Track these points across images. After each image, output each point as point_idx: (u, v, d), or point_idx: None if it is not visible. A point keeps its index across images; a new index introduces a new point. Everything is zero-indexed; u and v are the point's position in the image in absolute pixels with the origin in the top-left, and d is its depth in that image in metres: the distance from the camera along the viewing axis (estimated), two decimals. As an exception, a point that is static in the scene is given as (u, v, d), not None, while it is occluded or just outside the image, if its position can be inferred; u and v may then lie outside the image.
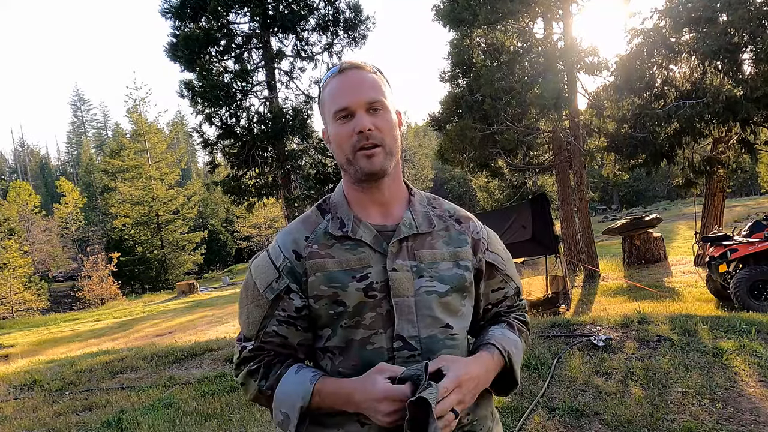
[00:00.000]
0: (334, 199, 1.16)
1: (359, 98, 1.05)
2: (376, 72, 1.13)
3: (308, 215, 1.16)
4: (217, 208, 44.34)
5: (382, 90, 1.10)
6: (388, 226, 1.11)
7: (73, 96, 69.98)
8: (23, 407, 4.96)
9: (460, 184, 46.26)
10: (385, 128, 1.07)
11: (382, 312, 1.06)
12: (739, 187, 40.52)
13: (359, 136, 1.04)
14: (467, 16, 11.45)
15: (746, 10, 8.54)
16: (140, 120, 35.17)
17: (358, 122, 1.04)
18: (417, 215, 1.14)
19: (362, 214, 1.12)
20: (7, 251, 26.87)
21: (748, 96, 8.62)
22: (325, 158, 13.18)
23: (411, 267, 1.08)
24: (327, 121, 1.12)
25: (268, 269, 1.11)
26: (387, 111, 1.09)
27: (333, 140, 1.10)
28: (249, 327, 1.12)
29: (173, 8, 11.96)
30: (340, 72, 1.10)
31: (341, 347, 1.08)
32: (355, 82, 1.07)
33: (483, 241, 1.21)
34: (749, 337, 4.48)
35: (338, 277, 1.06)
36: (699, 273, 10.42)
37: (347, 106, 1.05)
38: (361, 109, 1.05)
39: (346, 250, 1.08)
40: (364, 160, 1.05)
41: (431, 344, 1.07)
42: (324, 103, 1.12)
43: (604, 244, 18.99)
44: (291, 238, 1.12)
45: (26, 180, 52.62)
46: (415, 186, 1.31)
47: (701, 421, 3.26)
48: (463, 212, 1.23)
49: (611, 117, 10.51)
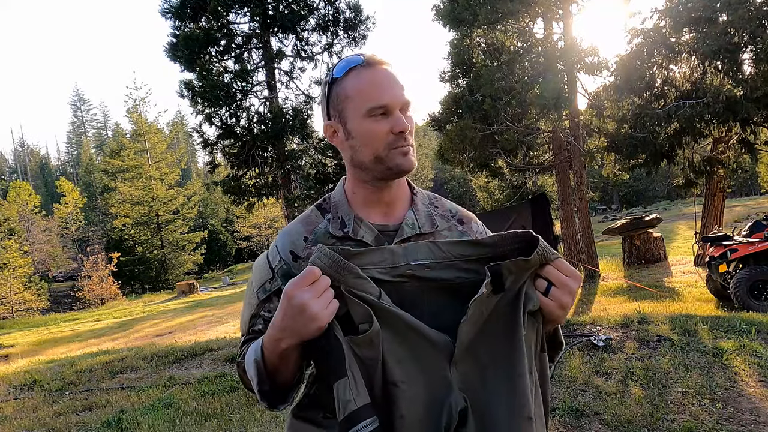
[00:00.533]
0: (335, 198, 1.14)
1: (397, 98, 1.01)
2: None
3: (308, 215, 1.14)
4: (217, 208, 44.33)
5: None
6: (390, 226, 1.10)
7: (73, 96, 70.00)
8: (23, 407, 4.96)
9: (460, 184, 46.25)
10: (413, 129, 1.06)
11: None
12: (739, 187, 40.50)
13: (397, 135, 1.01)
14: (467, 16, 11.45)
15: (746, 10, 8.54)
16: (140, 120, 35.16)
17: (398, 122, 1.00)
18: (420, 215, 1.12)
19: (363, 214, 1.10)
20: (7, 251, 26.86)
21: (748, 96, 8.61)
22: (325, 158, 13.17)
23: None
24: (349, 117, 1.04)
25: (263, 270, 1.10)
26: (411, 116, 1.07)
27: (362, 136, 1.03)
28: (242, 326, 1.13)
29: (173, 8, 11.95)
30: (368, 65, 1.02)
31: None
32: (391, 80, 1.02)
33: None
34: (749, 337, 4.49)
35: None
36: (699, 273, 10.42)
37: (387, 104, 1.00)
38: (398, 108, 1.01)
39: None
40: (400, 157, 1.02)
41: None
42: (346, 96, 1.03)
43: (604, 244, 18.99)
44: (289, 240, 1.10)
45: (26, 180, 52.60)
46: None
47: (701, 421, 3.25)
48: (465, 212, 1.21)
49: (611, 117, 10.51)
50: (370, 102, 1.00)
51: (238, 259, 42.82)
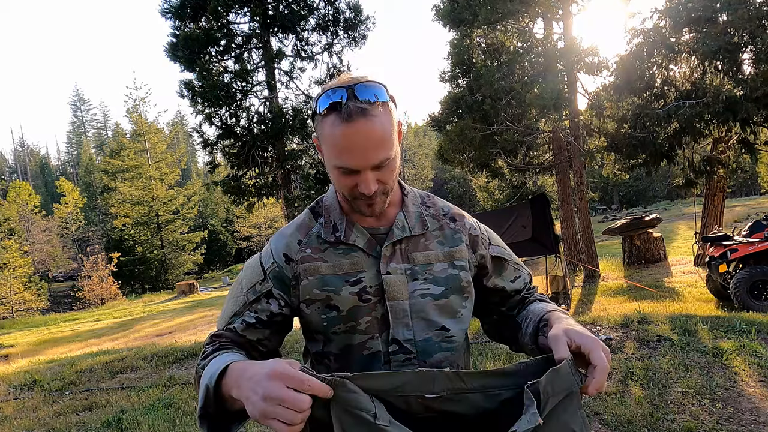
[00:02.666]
0: (327, 201, 1.14)
1: (367, 162, 0.96)
2: (385, 104, 0.97)
3: (302, 218, 1.14)
4: (217, 208, 44.33)
5: (391, 137, 0.98)
6: (381, 228, 1.09)
7: (73, 96, 69.95)
8: (23, 407, 4.96)
9: (460, 184, 46.25)
10: (389, 179, 1.01)
11: (377, 316, 1.05)
12: (739, 187, 40.52)
13: (362, 194, 0.99)
14: (467, 16, 11.45)
15: (746, 10, 8.54)
16: (140, 120, 35.16)
17: (363, 184, 0.98)
18: (410, 217, 1.11)
19: (355, 217, 1.09)
20: (7, 251, 26.86)
21: (748, 96, 8.61)
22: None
23: (405, 270, 1.06)
24: (324, 155, 1.01)
25: (255, 270, 1.10)
26: (393, 161, 1.00)
27: (331, 176, 1.03)
28: (220, 321, 1.10)
29: (173, 8, 11.96)
30: (346, 120, 0.93)
31: (337, 354, 1.07)
32: (364, 140, 0.94)
33: (482, 236, 1.18)
34: (749, 337, 4.49)
35: (331, 280, 1.04)
36: (699, 273, 10.42)
37: (354, 167, 0.96)
38: (367, 170, 0.97)
39: (339, 254, 1.06)
40: (364, 207, 1.03)
41: (427, 347, 1.06)
42: (323, 138, 0.99)
43: (604, 244, 18.99)
44: (284, 241, 1.10)
45: (26, 180, 52.61)
46: (414, 186, 1.27)
47: (701, 421, 3.26)
48: (457, 210, 1.20)
49: (611, 117, 10.51)
50: (338, 161, 0.97)
51: (238, 259, 42.82)
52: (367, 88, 0.95)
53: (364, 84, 0.95)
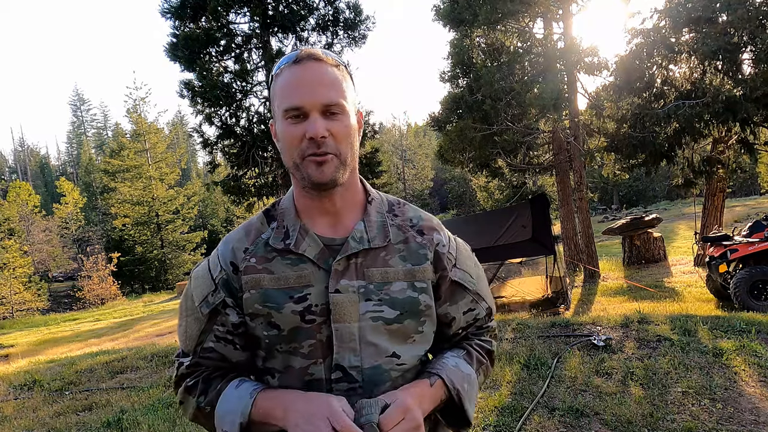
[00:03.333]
0: (283, 204, 1.04)
1: (315, 98, 0.91)
2: (338, 65, 0.97)
3: (253, 222, 1.04)
4: (217, 208, 44.33)
5: (343, 89, 0.95)
6: (336, 239, 0.98)
7: (73, 96, 69.99)
8: (23, 407, 4.96)
9: (460, 184, 46.24)
10: (341, 135, 0.93)
11: (321, 339, 0.95)
12: (739, 187, 40.52)
13: (310, 142, 0.91)
14: (467, 16, 11.45)
15: (746, 10, 8.54)
16: (140, 120, 35.16)
17: (310, 126, 0.90)
18: (371, 226, 1.00)
19: (311, 224, 0.99)
20: (7, 251, 26.87)
21: (747, 96, 8.62)
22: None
23: (358, 288, 0.95)
24: (276, 117, 0.97)
25: (205, 280, 1.01)
26: (345, 115, 0.94)
27: (281, 138, 0.96)
28: (187, 342, 1.02)
29: (173, 8, 11.96)
30: (296, 62, 0.93)
31: (280, 372, 0.98)
32: (313, 78, 0.92)
33: (449, 256, 1.04)
34: (749, 337, 4.49)
35: (273, 296, 0.94)
36: (699, 273, 10.42)
37: (300, 105, 0.91)
38: (315, 110, 0.91)
39: (286, 265, 0.96)
40: (312, 167, 0.92)
41: (375, 376, 0.95)
42: (274, 95, 0.96)
43: (604, 244, 19.00)
44: (230, 248, 1.00)
45: (26, 180, 52.62)
46: (414, 186, 1.17)
47: (701, 421, 3.26)
48: (429, 221, 1.06)
49: (611, 117, 10.51)
50: (285, 102, 0.92)
51: (238, 259, 42.72)
52: (321, 50, 0.96)
53: (319, 48, 0.97)
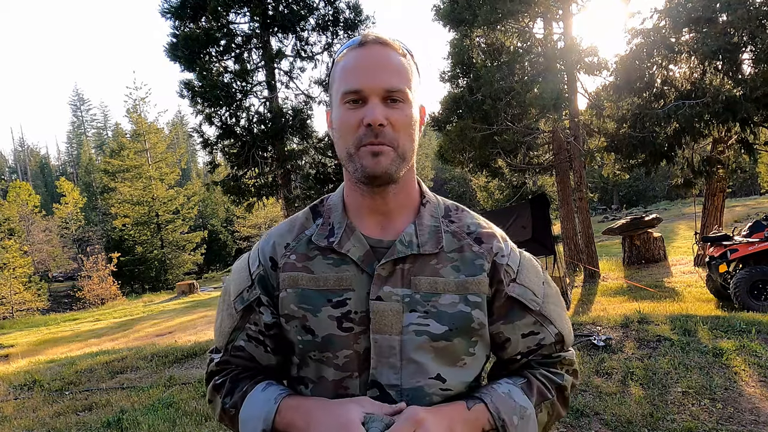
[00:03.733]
0: (332, 200, 0.97)
1: (376, 82, 0.83)
2: (406, 54, 0.90)
3: (298, 217, 0.98)
4: (217, 208, 44.33)
5: (408, 77, 0.88)
6: (384, 241, 0.90)
7: (73, 96, 69.96)
8: (23, 407, 4.96)
9: (460, 184, 46.25)
10: (401, 125, 0.85)
11: (359, 350, 0.87)
12: (739, 187, 40.51)
13: (367, 129, 0.83)
14: (467, 16, 11.45)
15: (746, 10, 8.54)
16: (140, 120, 35.16)
17: (369, 112, 0.83)
18: (423, 231, 0.90)
19: (359, 222, 0.92)
20: (7, 251, 26.86)
21: (747, 96, 8.62)
22: (325, 158, 13.19)
23: (402, 297, 0.86)
24: (333, 102, 0.90)
25: (242, 275, 0.96)
26: (408, 104, 0.87)
27: (336, 126, 0.88)
28: (219, 338, 0.98)
29: (173, 8, 11.96)
30: (361, 45, 0.87)
31: (314, 383, 0.91)
32: (377, 62, 0.85)
33: (507, 268, 0.92)
34: (749, 337, 4.49)
35: (311, 297, 0.87)
36: (699, 273, 10.42)
37: (360, 89, 0.84)
38: (376, 96, 0.83)
39: (327, 265, 0.89)
40: (368, 158, 0.84)
41: (415, 398, 0.85)
42: (333, 80, 0.90)
43: (604, 244, 19.00)
44: (271, 242, 0.95)
45: (26, 180, 52.60)
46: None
47: (701, 421, 3.26)
48: (489, 229, 0.96)
49: (611, 117, 10.52)
50: (345, 85, 0.85)
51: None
52: (388, 36, 0.90)
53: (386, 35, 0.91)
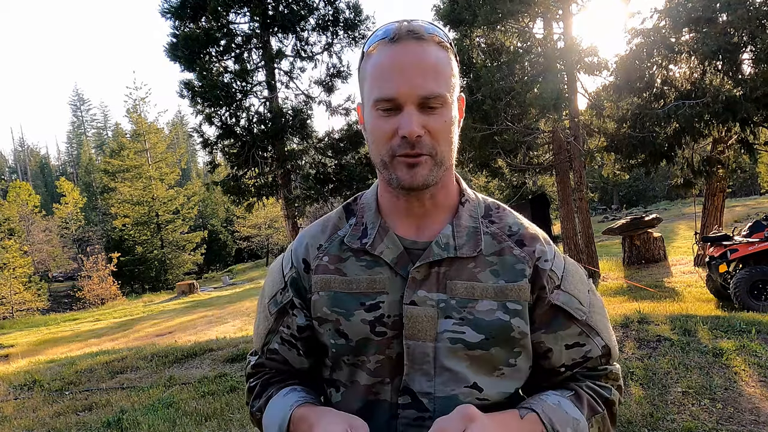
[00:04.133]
0: (365, 199, 0.93)
1: (412, 89, 0.76)
2: (443, 43, 0.82)
3: (331, 216, 0.94)
4: (217, 208, 44.33)
5: (447, 76, 0.80)
6: (419, 242, 0.85)
7: (73, 96, 69.98)
8: (23, 407, 4.96)
9: (460, 184, 46.23)
10: (439, 132, 0.79)
11: (391, 355, 0.83)
12: (739, 187, 40.52)
13: (402, 140, 0.77)
14: (467, 16, 11.45)
15: (746, 10, 8.55)
16: (140, 120, 35.18)
17: (404, 123, 0.77)
18: (460, 232, 0.85)
19: (393, 222, 0.87)
20: (7, 251, 26.86)
21: (747, 96, 8.62)
22: (325, 158, 13.20)
23: (437, 302, 0.82)
24: (365, 103, 0.84)
25: (276, 277, 0.94)
26: (447, 108, 0.80)
27: (369, 131, 0.83)
28: (256, 339, 0.98)
29: (173, 8, 11.96)
30: (394, 40, 0.79)
31: (346, 386, 0.88)
32: (411, 64, 0.77)
33: (553, 273, 0.86)
34: (749, 337, 4.49)
35: (344, 300, 0.84)
36: (699, 273, 10.42)
37: (394, 96, 0.77)
38: (411, 103, 0.77)
39: (360, 267, 0.85)
40: (404, 170, 0.79)
41: (449, 408, 0.77)
42: (364, 78, 0.83)
43: (604, 244, 18.99)
44: (304, 243, 0.92)
45: (26, 180, 52.62)
46: None
47: (701, 421, 3.26)
48: (532, 231, 0.89)
49: (611, 117, 10.52)
50: (377, 91, 0.79)
51: (238, 259, 42.82)
52: (424, 24, 0.82)
53: (421, 22, 0.82)
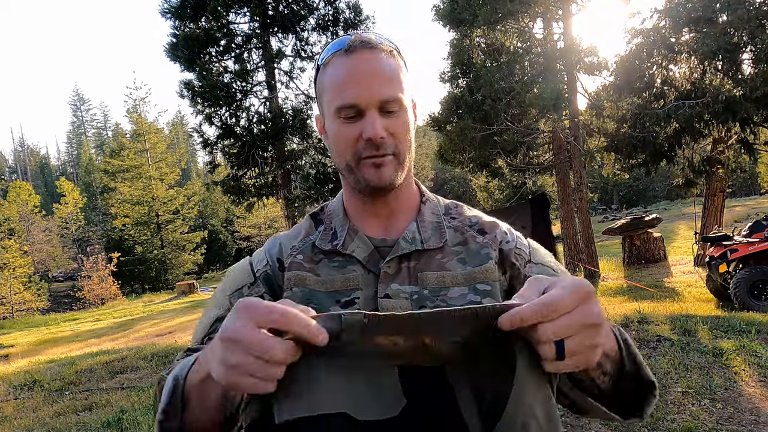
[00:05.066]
0: (331, 207, 0.97)
1: (372, 95, 0.81)
2: (393, 51, 0.86)
3: (301, 225, 0.97)
4: (217, 208, 44.32)
5: (401, 81, 0.84)
6: (388, 240, 0.89)
7: (73, 96, 69.93)
8: (23, 407, 4.96)
9: (460, 184, 46.27)
10: (399, 133, 0.83)
11: None
12: (739, 187, 40.53)
13: (367, 143, 0.81)
14: (467, 17, 11.46)
15: (746, 10, 8.55)
16: (140, 120, 35.17)
17: (368, 126, 0.80)
18: (425, 227, 0.90)
19: (361, 225, 0.91)
20: (7, 251, 26.86)
21: (747, 96, 8.62)
22: (325, 158, 13.20)
23: (410, 294, 0.84)
24: (325, 113, 0.87)
25: (242, 273, 0.92)
26: (404, 110, 0.84)
27: (332, 140, 0.86)
28: (199, 331, 0.90)
29: (173, 8, 11.96)
30: (348, 51, 0.83)
31: None
32: (368, 72, 0.81)
33: (519, 251, 0.90)
34: (749, 337, 4.49)
35: (318, 297, 0.85)
36: (699, 273, 10.42)
37: (355, 103, 0.81)
38: (372, 108, 0.81)
39: (333, 267, 0.87)
40: (371, 170, 0.83)
41: None
42: (323, 89, 0.86)
43: (604, 244, 19.00)
44: (278, 243, 0.93)
45: (26, 180, 52.62)
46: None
47: (701, 421, 3.26)
48: (489, 219, 0.96)
49: (611, 117, 10.52)
50: (339, 100, 0.82)
51: (238, 259, 41.41)
52: (373, 35, 0.86)
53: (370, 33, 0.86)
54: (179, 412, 0.66)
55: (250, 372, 0.55)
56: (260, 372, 0.55)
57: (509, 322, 0.56)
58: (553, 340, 0.56)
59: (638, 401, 0.76)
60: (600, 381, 0.73)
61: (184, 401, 0.67)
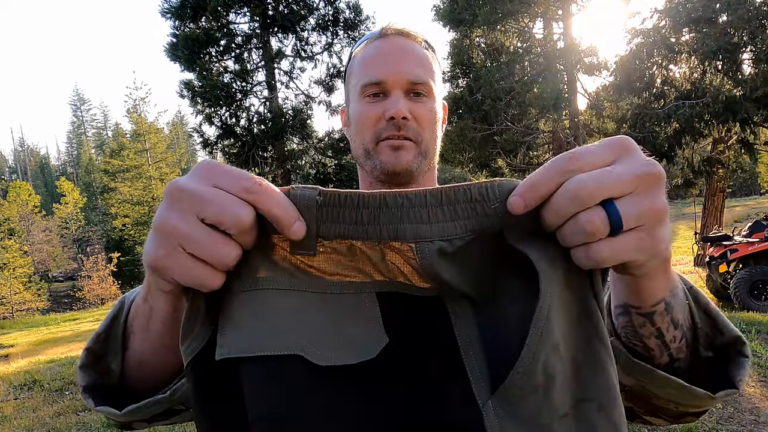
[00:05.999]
0: None
1: (400, 73, 0.78)
2: (428, 47, 0.84)
3: None
4: (217, 208, 44.38)
5: (432, 70, 0.82)
6: None
7: (73, 96, 69.90)
8: (23, 407, 4.96)
9: (460, 184, 46.37)
10: (425, 120, 0.79)
11: None
12: (739, 187, 40.54)
13: (389, 122, 0.77)
14: (467, 17, 11.46)
15: (746, 10, 8.56)
16: (140, 120, 35.18)
17: (392, 105, 0.77)
18: None
19: None
20: (7, 251, 26.86)
21: (747, 96, 8.63)
22: (325, 158, 13.20)
23: None
24: (350, 97, 0.84)
25: None
26: (432, 99, 0.81)
27: (354, 121, 0.82)
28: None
29: (173, 8, 11.96)
30: (382, 36, 0.81)
31: None
32: (399, 52, 0.80)
33: None
34: (749, 337, 4.49)
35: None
36: (699, 273, 10.42)
37: (382, 80, 0.78)
38: (399, 87, 0.78)
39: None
40: (388, 152, 0.78)
41: None
42: (351, 74, 0.84)
43: (604, 244, 18.96)
44: None
45: (26, 180, 52.65)
46: None
47: (701, 420, 3.25)
48: None
49: (611, 117, 10.52)
50: (365, 77, 0.79)
51: (238, 259, 42.78)
52: (409, 28, 0.84)
53: (408, 26, 0.84)
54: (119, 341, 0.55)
55: (191, 250, 0.39)
56: (206, 251, 0.39)
57: (521, 198, 0.40)
58: (597, 199, 0.37)
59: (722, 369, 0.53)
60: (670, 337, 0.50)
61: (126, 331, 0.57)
